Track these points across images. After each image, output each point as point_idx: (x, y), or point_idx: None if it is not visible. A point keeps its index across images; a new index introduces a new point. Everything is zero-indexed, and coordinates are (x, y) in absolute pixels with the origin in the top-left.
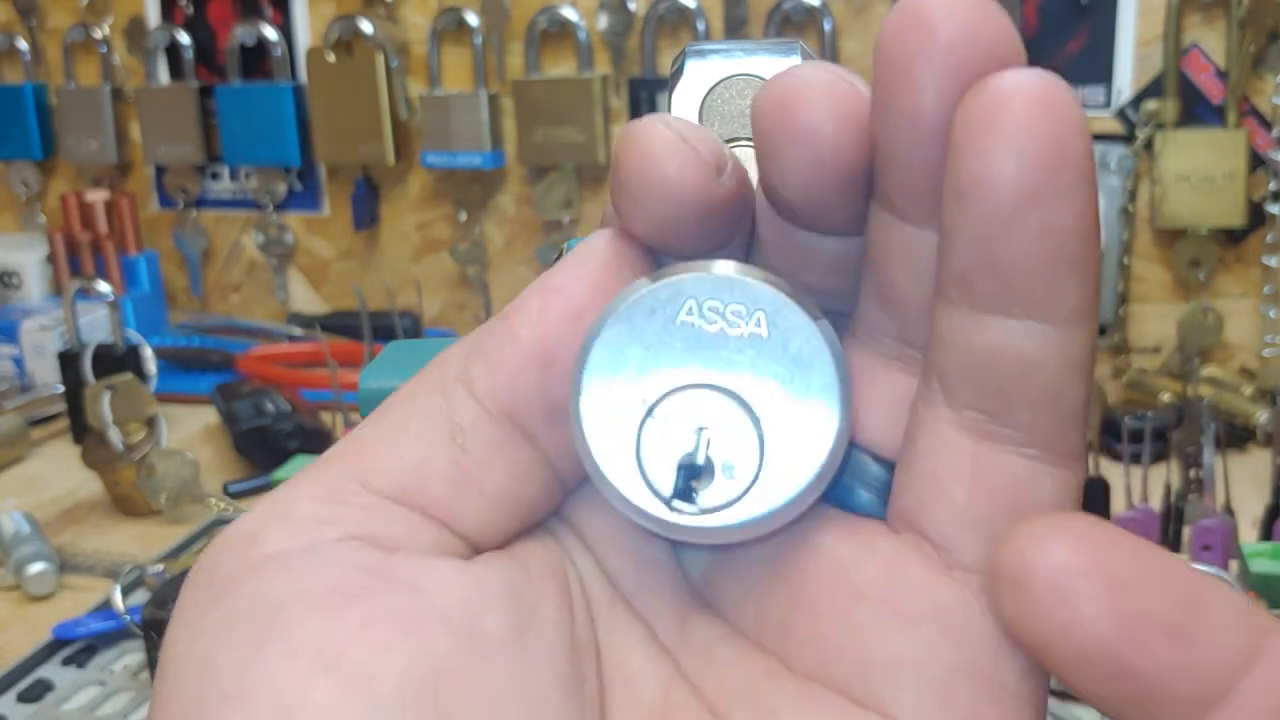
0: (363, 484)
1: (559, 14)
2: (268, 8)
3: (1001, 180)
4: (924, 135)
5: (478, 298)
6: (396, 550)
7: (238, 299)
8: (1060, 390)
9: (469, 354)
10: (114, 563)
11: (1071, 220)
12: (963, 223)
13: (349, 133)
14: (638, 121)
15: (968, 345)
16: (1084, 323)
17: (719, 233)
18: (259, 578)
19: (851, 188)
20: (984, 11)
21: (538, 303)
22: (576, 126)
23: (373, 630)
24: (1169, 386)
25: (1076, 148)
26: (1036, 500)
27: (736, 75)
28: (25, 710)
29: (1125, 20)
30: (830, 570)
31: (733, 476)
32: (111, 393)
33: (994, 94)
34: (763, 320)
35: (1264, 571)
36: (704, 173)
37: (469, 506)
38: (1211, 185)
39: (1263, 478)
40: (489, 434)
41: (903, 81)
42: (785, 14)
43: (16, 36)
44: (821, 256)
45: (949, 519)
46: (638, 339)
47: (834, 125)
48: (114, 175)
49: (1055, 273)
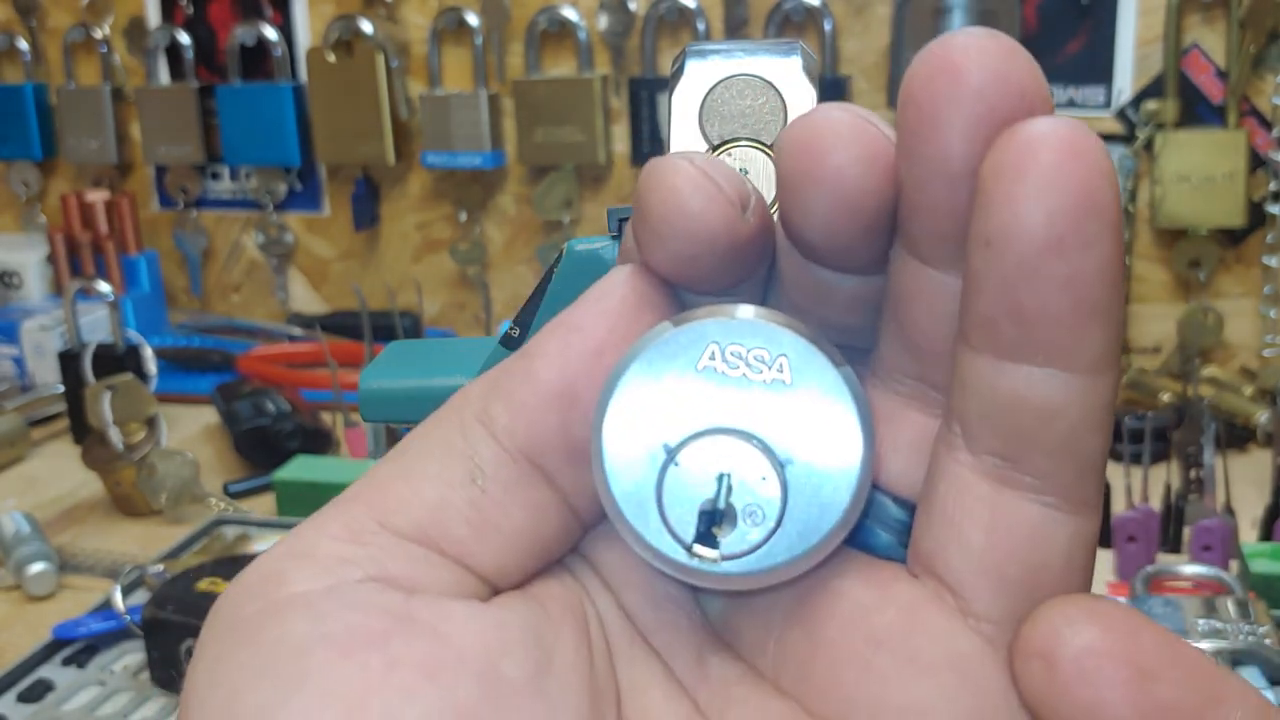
0: (382, 524)
1: (559, 14)
2: (268, 8)
3: (1030, 229)
4: (951, 181)
5: (478, 298)
6: (416, 591)
7: (238, 299)
8: (1079, 439)
9: (488, 393)
10: (114, 563)
11: (1097, 269)
12: (988, 270)
13: (349, 133)
14: (662, 158)
15: (990, 391)
16: (1106, 372)
17: (741, 269)
18: (283, 620)
19: (874, 230)
20: (1013, 58)
21: (558, 341)
22: (576, 126)
23: (396, 675)
24: (1169, 386)
25: (1105, 197)
26: (1053, 548)
27: (736, 75)
28: (25, 710)
29: (1125, 20)
30: (849, 615)
31: (755, 523)
32: (111, 393)
33: (1024, 142)
34: (785, 366)
35: (1264, 571)
36: (728, 210)
37: (488, 547)
38: (1212, 185)
39: (1263, 478)
40: (508, 474)
41: (931, 127)
42: (785, 14)
43: (17, 36)
44: (841, 294)
45: (966, 565)
46: (660, 383)
47: (859, 168)
48: (114, 175)
49: (1079, 322)
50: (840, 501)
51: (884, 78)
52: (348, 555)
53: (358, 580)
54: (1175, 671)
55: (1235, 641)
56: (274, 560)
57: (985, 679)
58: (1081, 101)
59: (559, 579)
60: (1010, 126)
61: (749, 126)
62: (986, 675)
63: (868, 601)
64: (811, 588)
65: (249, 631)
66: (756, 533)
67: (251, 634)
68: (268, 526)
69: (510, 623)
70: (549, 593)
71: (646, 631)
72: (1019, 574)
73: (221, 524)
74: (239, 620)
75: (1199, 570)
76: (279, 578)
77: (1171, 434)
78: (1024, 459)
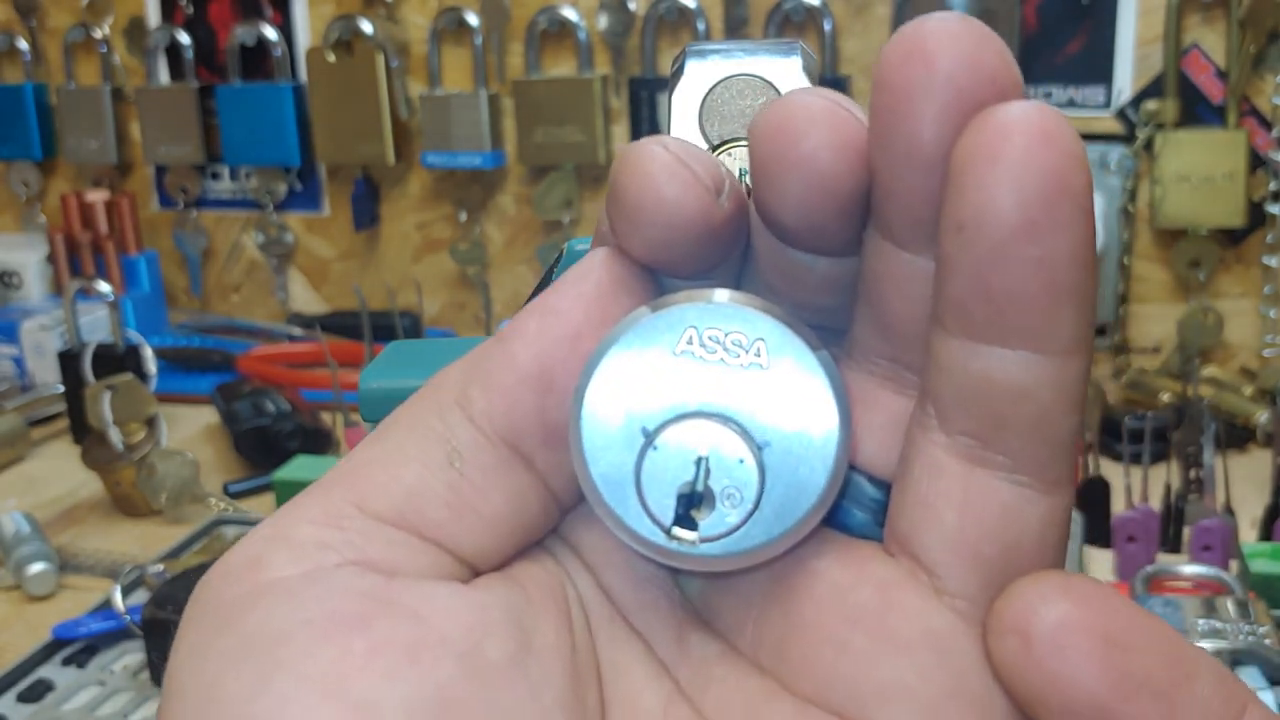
0: (361, 508)
1: (559, 14)
2: (268, 8)
3: (1001, 213)
4: (923, 166)
5: (478, 298)
6: (396, 574)
7: (238, 299)
8: (1052, 420)
9: (466, 376)
10: (114, 563)
11: (1068, 252)
12: (960, 253)
13: (349, 133)
14: (635, 144)
15: (963, 373)
16: (1078, 354)
17: (717, 253)
18: (263, 605)
19: (847, 213)
20: (984, 42)
21: (535, 325)
22: (576, 126)
23: (377, 658)
24: (1169, 386)
25: (1076, 181)
26: (1025, 527)
27: (736, 75)
28: (25, 710)
29: (1125, 20)
30: (826, 594)
31: (733, 505)
32: (111, 393)
33: (995, 126)
34: (763, 350)
35: (1264, 571)
36: (703, 195)
37: (466, 529)
38: (1211, 185)
39: (1263, 478)
40: (486, 457)
41: (902, 112)
42: (785, 14)
43: (17, 36)
44: (816, 276)
45: (940, 544)
46: (638, 367)
47: (831, 153)
48: (114, 175)
49: (1051, 305)
50: (817, 483)
51: None
52: (326, 540)
53: (336, 564)
54: (1147, 645)
55: (1235, 641)
56: (253, 545)
57: (960, 655)
58: (1081, 101)
59: (539, 561)
60: (982, 111)
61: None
62: (961, 652)
63: (844, 581)
64: (789, 567)
65: (228, 617)
66: (734, 514)
67: (231, 620)
68: None
69: (491, 604)
70: (529, 574)
71: (627, 612)
72: (993, 552)
73: (221, 524)
74: (218, 606)
75: (1199, 570)
76: (258, 563)
77: (1171, 434)
78: (997, 439)
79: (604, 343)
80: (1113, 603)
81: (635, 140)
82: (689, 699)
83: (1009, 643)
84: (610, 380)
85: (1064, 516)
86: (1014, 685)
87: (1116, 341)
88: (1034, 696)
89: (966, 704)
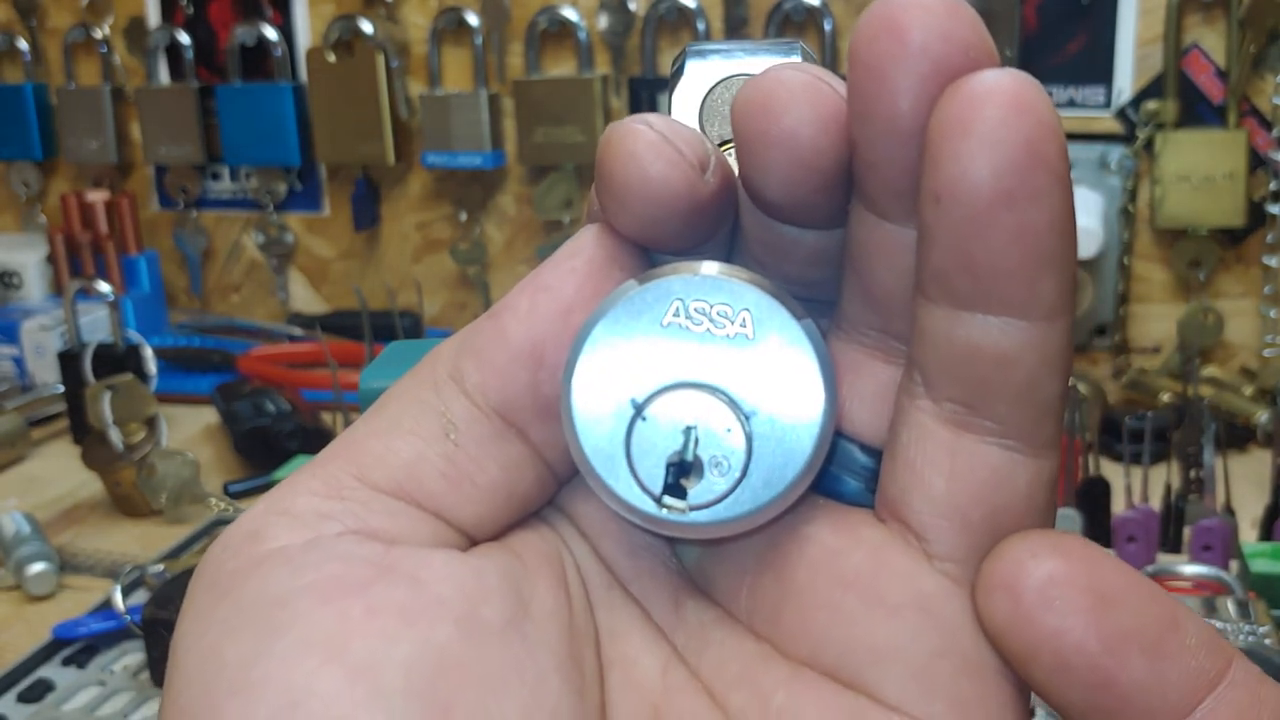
0: (360, 479)
1: (559, 14)
2: (268, 8)
3: (977, 183)
4: (901, 138)
5: (478, 298)
6: (395, 543)
7: (238, 299)
8: (1037, 384)
9: (460, 350)
10: (114, 563)
11: (1046, 220)
12: (939, 224)
13: (349, 133)
14: (620, 122)
15: (947, 341)
16: (1060, 318)
17: (704, 229)
18: (263, 573)
19: (831, 187)
20: (956, 14)
21: (527, 300)
22: (577, 126)
23: (376, 620)
24: (1169, 386)
25: (1050, 148)
26: (1013, 490)
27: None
28: (25, 710)
29: (1125, 20)
30: (818, 559)
31: (721, 474)
32: (111, 393)
33: (967, 97)
34: (748, 320)
35: (1264, 571)
36: (688, 172)
37: (463, 500)
38: (1212, 185)
39: (1263, 478)
40: (481, 429)
41: (878, 86)
42: (785, 14)
43: (17, 36)
44: (802, 249)
45: (929, 508)
46: (626, 340)
47: (813, 128)
48: (114, 175)
49: (1031, 272)
50: (803, 450)
51: None
52: (326, 510)
53: (337, 534)
54: (1135, 599)
55: (1235, 641)
56: (254, 518)
57: (950, 617)
58: (1081, 101)
59: (536, 530)
60: (954, 82)
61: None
62: (951, 613)
63: (836, 546)
64: (781, 534)
65: (230, 586)
66: (723, 483)
67: (233, 588)
68: None
69: (488, 570)
70: (526, 543)
71: (624, 579)
72: (981, 515)
73: (221, 524)
74: (221, 576)
75: (1199, 570)
76: (259, 534)
77: (1171, 434)
78: (983, 405)
79: (592, 317)
80: (1100, 559)
81: None
82: (686, 662)
83: (998, 599)
84: (599, 353)
85: (1051, 479)
86: (1004, 642)
87: (1116, 341)
88: (1025, 652)
89: (957, 663)
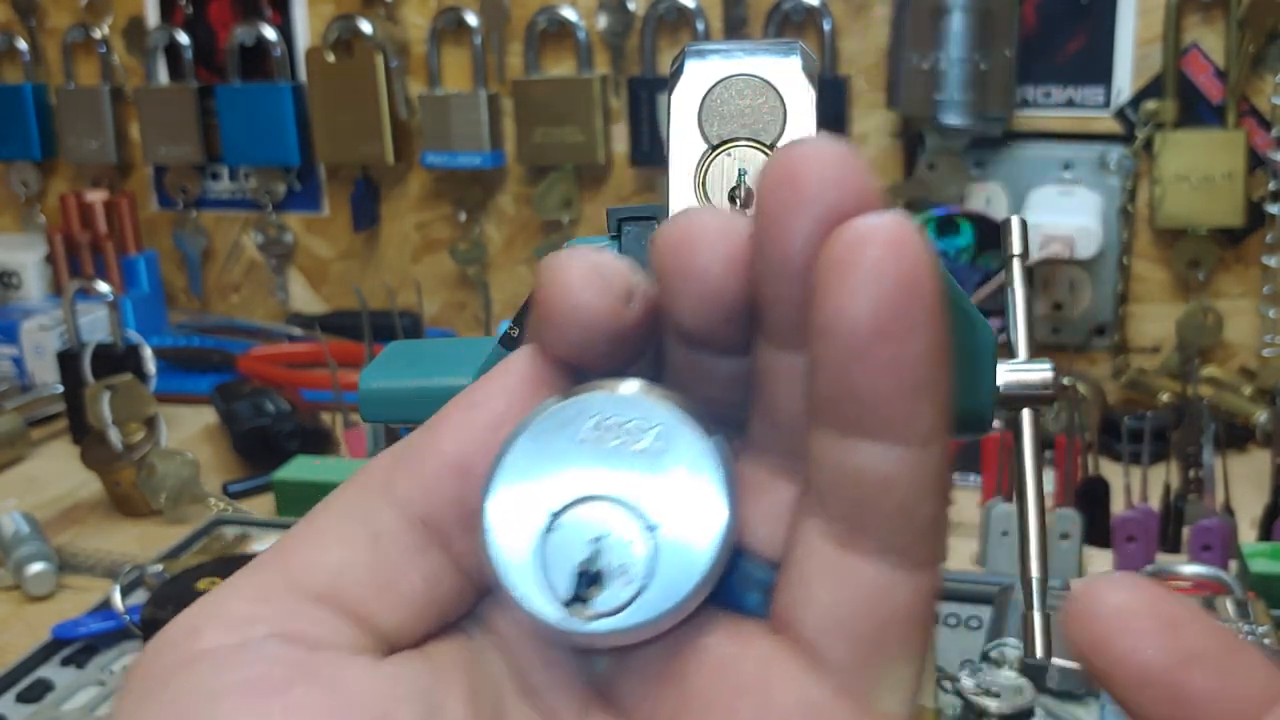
0: (289, 585)
1: (559, 14)
2: (267, 8)
3: (856, 317)
4: (794, 276)
5: (478, 298)
6: (317, 648)
7: (238, 299)
8: (915, 505)
9: (394, 463)
10: (114, 563)
11: (921, 351)
12: (824, 355)
13: (349, 133)
14: (555, 254)
15: (835, 463)
16: (935, 443)
17: (628, 352)
18: (193, 670)
19: (739, 318)
20: (846, 163)
21: (460, 414)
22: (576, 126)
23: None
24: (1169, 386)
25: (924, 285)
26: (895, 604)
27: (736, 75)
28: (25, 710)
29: (1125, 20)
30: (715, 668)
31: (625, 583)
32: (111, 393)
33: (850, 239)
34: (659, 436)
35: (1264, 571)
36: (613, 301)
37: (386, 607)
38: (1211, 185)
39: (1262, 477)
40: (405, 540)
41: (774, 229)
42: (785, 14)
43: (16, 36)
44: (719, 373)
45: (817, 622)
46: (545, 452)
47: (721, 266)
48: (114, 175)
49: (907, 399)
50: (702, 563)
51: (883, 78)
52: (256, 614)
53: (264, 637)
54: (1197, 625)
55: None
56: (190, 619)
57: None
58: (1081, 101)
59: (454, 640)
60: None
61: (748, 126)
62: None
63: (730, 656)
64: (682, 644)
65: (161, 683)
66: (625, 592)
67: (165, 683)
68: (267, 527)
69: (403, 677)
70: (443, 652)
71: (537, 689)
72: (865, 628)
73: (221, 524)
74: (153, 674)
75: (1198, 570)
76: (193, 635)
77: (1171, 434)
78: (866, 524)
79: (516, 429)
80: (1164, 593)
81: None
82: None
83: (1079, 629)
84: (518, 463)
85: (933, 591)
86: (1092, 664)
87: (1116, 341)
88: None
89: None
